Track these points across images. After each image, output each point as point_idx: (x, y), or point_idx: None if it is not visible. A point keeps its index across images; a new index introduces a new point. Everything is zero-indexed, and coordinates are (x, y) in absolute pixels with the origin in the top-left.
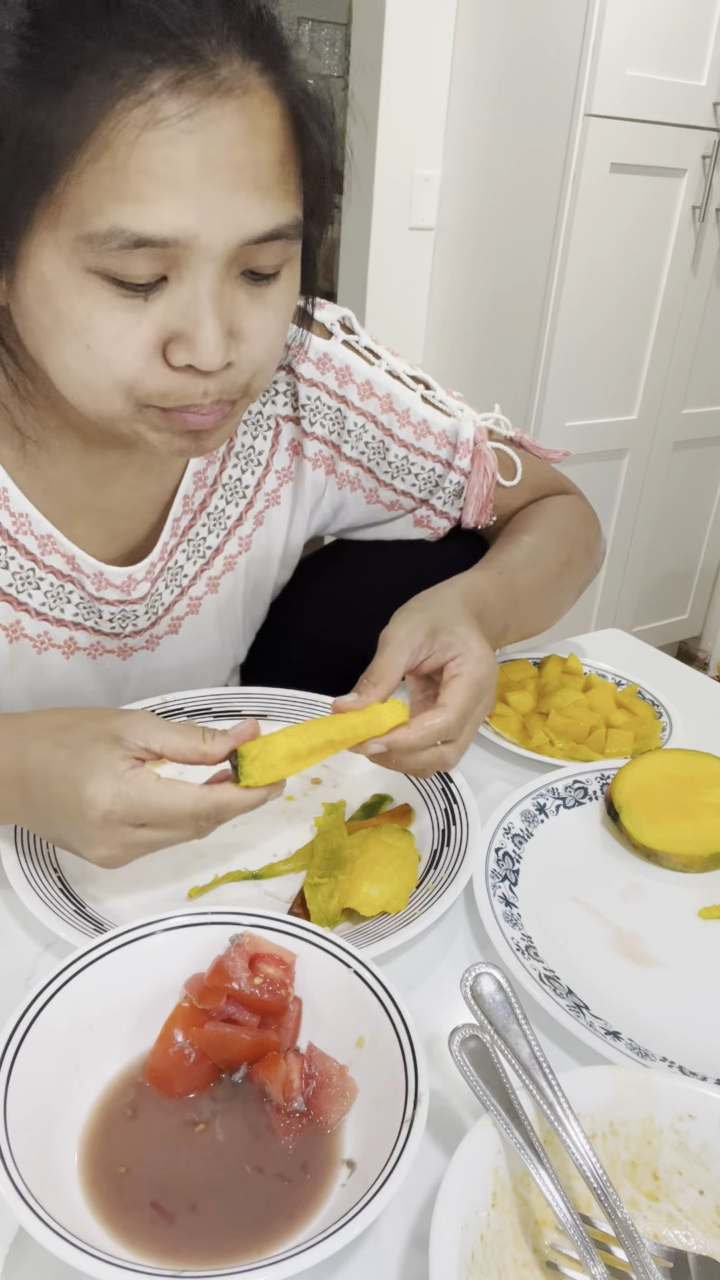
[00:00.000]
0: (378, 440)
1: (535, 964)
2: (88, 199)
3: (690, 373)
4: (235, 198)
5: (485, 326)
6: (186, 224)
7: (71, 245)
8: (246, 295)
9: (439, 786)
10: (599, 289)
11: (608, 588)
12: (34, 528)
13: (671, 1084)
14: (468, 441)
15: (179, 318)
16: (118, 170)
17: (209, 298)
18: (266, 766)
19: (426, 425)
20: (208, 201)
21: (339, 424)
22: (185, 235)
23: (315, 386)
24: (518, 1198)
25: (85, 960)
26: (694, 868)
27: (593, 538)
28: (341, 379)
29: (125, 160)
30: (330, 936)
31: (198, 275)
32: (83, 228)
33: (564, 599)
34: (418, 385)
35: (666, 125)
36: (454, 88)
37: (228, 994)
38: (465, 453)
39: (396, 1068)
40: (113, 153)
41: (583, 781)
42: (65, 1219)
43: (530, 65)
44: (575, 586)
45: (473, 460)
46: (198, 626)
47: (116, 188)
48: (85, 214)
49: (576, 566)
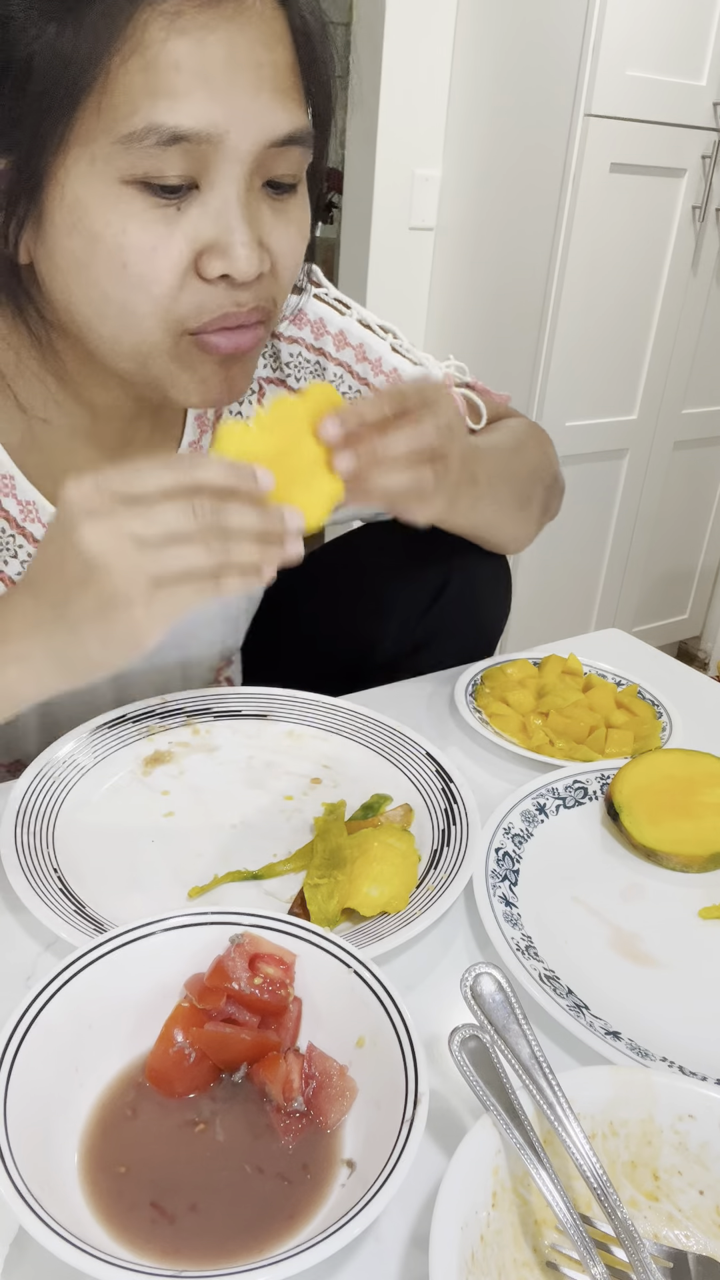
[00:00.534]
0: (354, 390)
1: (535, 964)
2: (121, 101)
3: (690, 373)
4: (259, 97)
5: (485, 326)
6: (219, 119)
7: (106, 154)
8: (269, 209)
9: (439, 786)
10: (599, 289)
11: (608, 588)
12: (41, 515)
13: (671, 1084)
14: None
15: (211, 226)
16: (149, 68)
17: (238, 204)
18: (238, 440)
19: (398, 373)
20: (235, 99)
21: (319, 376)
22: (217, 130)
23: (295, 343)
24: (518, 1198)
25: (85, 960)
26: (694, 868)
27: (545, 442)
28: (317, 331)
29: (156, 58)
30: (330, 936)
31: (227, 180)
32: (117, 130)
33: (529, 485)
34: (386, 334)
35: (666, 125)
36: (454, 88)
37: (228, 994)
38: None
39: (396, 1068)
40: (142, 52)
41: (583, 781)
42: (65, 1219)
43: (530, 65)
44: (537, 476)
45: None
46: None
47: (150, 85)
48: (119, 116)
49: (532, 452)
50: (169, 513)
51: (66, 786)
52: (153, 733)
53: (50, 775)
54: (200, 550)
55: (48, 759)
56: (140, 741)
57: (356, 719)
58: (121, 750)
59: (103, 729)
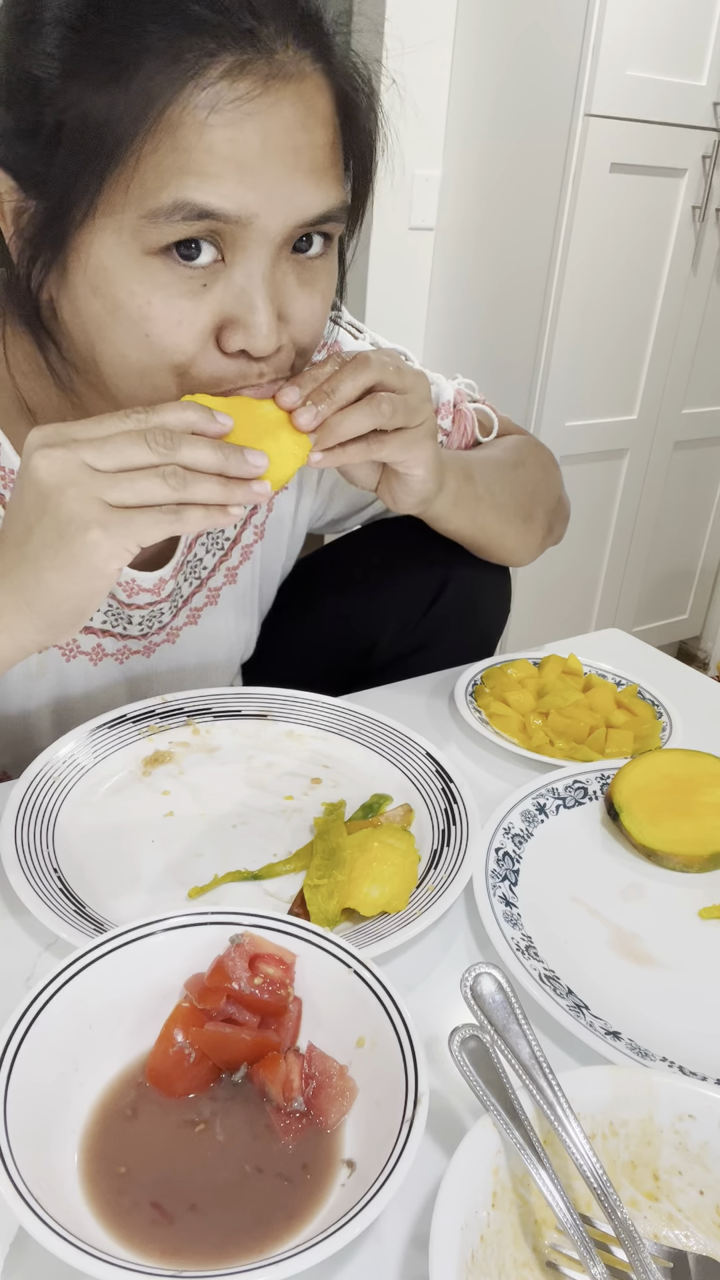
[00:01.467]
0: None
1: (535, 964)
2: (151, 178)
3: (690, 373)
4: (293, 180)
5: (485, 326)
6: (249, 202)
7: (133, 227)
8: (295, 278)
9: (439, 786)
10: (599, 289)
11: (608, 588)
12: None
13: (671, 1084)
14: (448, 403)
15: (234, 302)
16: (182, 150)
17: (263, 283)
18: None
19: None
20: (268, 183)
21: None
22: (247, 213)
23: (312, 366)
24: (518, 1198)
25: (85, 960)
26: (694, 868)
27: (547, 460)
28: (332, 354)
29: (191, 141)
30: (330, 936)
31: (253, 258)
32: (147, 205)
33: (530, 501)
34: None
35: (666, 125)
36: (454, 88)
37: (228, 994)
38: (446, 414)
39: (396, 1068)
40: (177, 134)
41: (583, 781)
42: (65, 1219)
43: (530, 65)
44: (538, 494)
45: (454, 420)
46: (216, 617)
47: (181, 165)
48: (149, 192)
49: (532, 468)
50: (123, 443)
51: (66, 786)
52: (153, 733)
53: (50, 775)
54: (156, 481)
55: (48, 759)
56: (140, 741)
57: (356, 719)
58: (121, 750)
59: (103, 729)
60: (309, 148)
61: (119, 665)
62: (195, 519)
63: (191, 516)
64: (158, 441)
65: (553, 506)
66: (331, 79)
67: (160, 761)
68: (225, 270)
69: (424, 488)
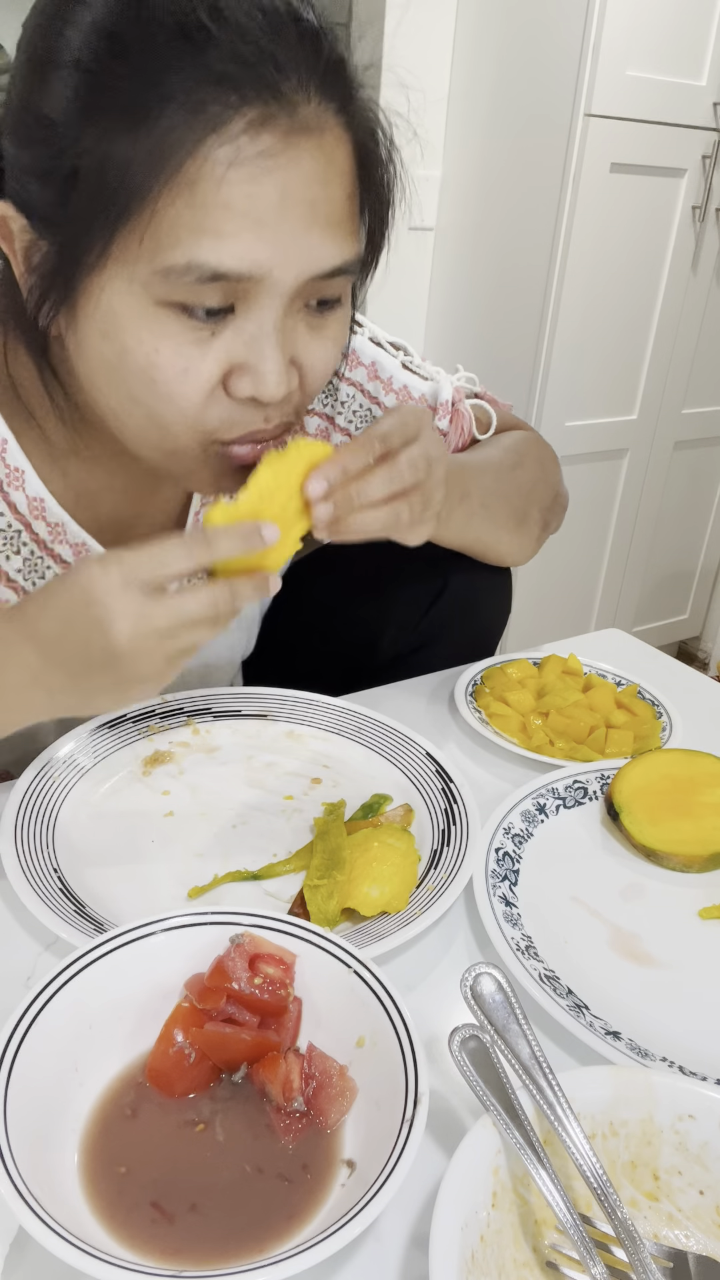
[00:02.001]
0: (365, 409)
1: (535, 964)
2: (166, 233)
3: (690, 373)
4: (309, 234)
5: (485, 326)
6: (262, 259)
7: (145, 279)
8: (306, 326)
9: (439, 786)
10: (599, 289)
11: (608, 588)
12: (69, 536)
13: (671, 1084)
14: (446, 403)
15: (243, 350)
16: (199, 206)
17: (274, 331)
18: (233, 515)
19: (408, 391)
20: (283, 238)
21: (332, 395)
22: (260, 270)
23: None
24: (518, 1198)
25: (85, 960)
26: (694, 868)
27: (546, 457)
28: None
29: (208, 197)
30: (330, 936)
31: (264, 309)
32: (159, 262)
33: (525, 505)
34: (397, 352)
35: (666, 125)
36: (454, 87)
37: (228, 994)
38: (444, 413)
39: (396, 1068)
40: (195, 189)
41: (583, 781)
42: (65, 1219)
43: (530, 65)
44: (534, 496)
45: (451, 420)
46: None
47: (196, 222)
48: (162, 247)
49: (530, 470)
50: (193, 605)
51: (66, 786)
52: (153, 732)
53: (50, 775)
54: (209, 629)
55: (48, 759)
56: (140, 741)
57: (356, 719)
58: (121, 750)
59: (103, 729)
60: (326, 201)
61: None
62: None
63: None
64: (224, 600)
65: (548, 504)
66: (352, 131)
67: (160, 761)
68: (235, 319)
69: (421, 540)
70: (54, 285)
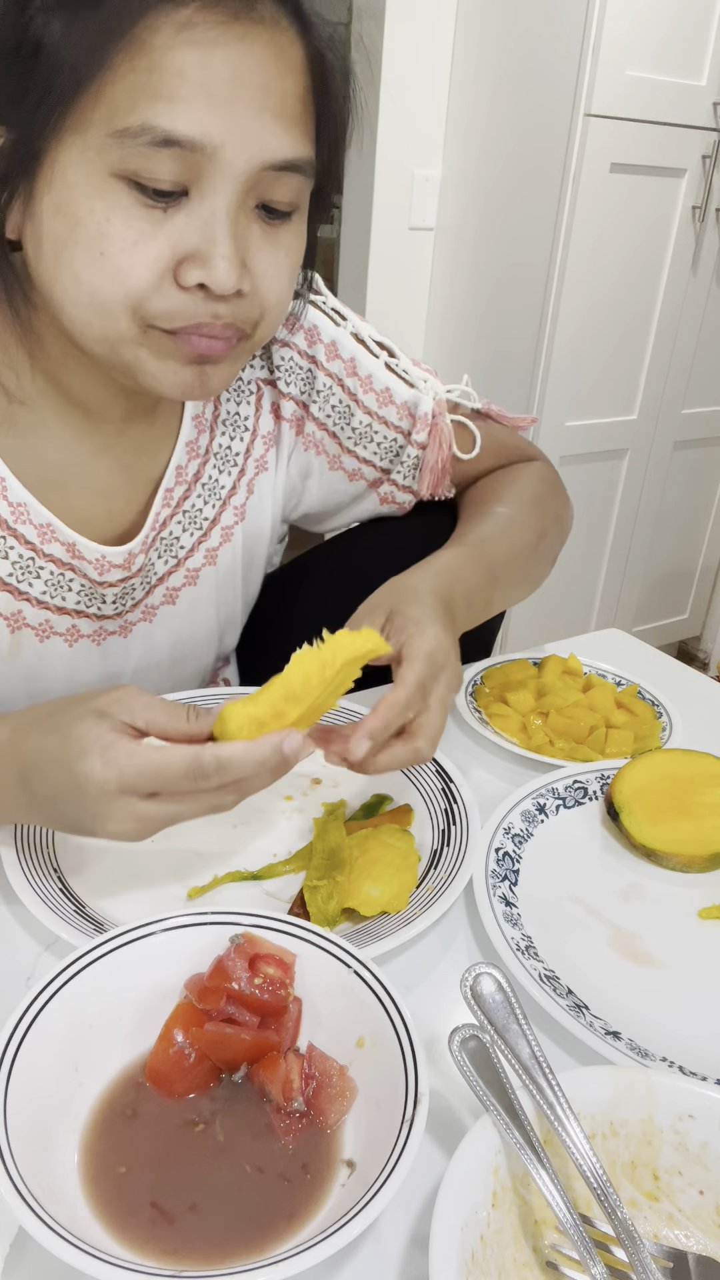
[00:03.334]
0: (344, 404)
1: (535, 964)
2: (121, 97)
3: (690, 373)
4: (261, 119)
5: (485, 326)
6: (214, 130)
7: (99, 146)
8: (260, 231)
9: (439, 786)
10: (599, 289)
11: (608, 588)
12: (32, 516)
13: (671, 1084)
14: (426, 415)
15: (196, 235)
16: (153, 70)
17: (226, 217)
18: (252, 724)
19: (389, 394)
20: (235, 115)
21: (309, 384)
22: (212, 142)
23: (287, 346)
24: (518, 1198)
25: (85, 960)
26: (694, 868)
27: (562, 506)
28: (310, 338)
29: (160, 62)
30: (330, 936)
31: (217, 192)
32: (113, 124)
33: (540, 569)
34: (381, 351)
35: (666, 125)
36: (454, 88)
37: (228, 994)
38: (423, 426)
39: (396, 1068)
40: (148, 54)
41: (583, 781)
42: (65, 1219)
43: (530, 65)
44: (550, 557)
45: (430, 434)
46: (194, 599)
47: (151, 86)
48: (117, 111)
49: (551, 537)
50: (189, 798)
51: None
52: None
53: None
54: (207, 804)
55: None
56: None
57: (356, 719)
58: None
59: None
60: (279, 92)
61: (96, 646)
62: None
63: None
64: (230, 800)
65: (560, 547)
66: (305, 40)
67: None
68: (189, 203)
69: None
70: (14, 173)
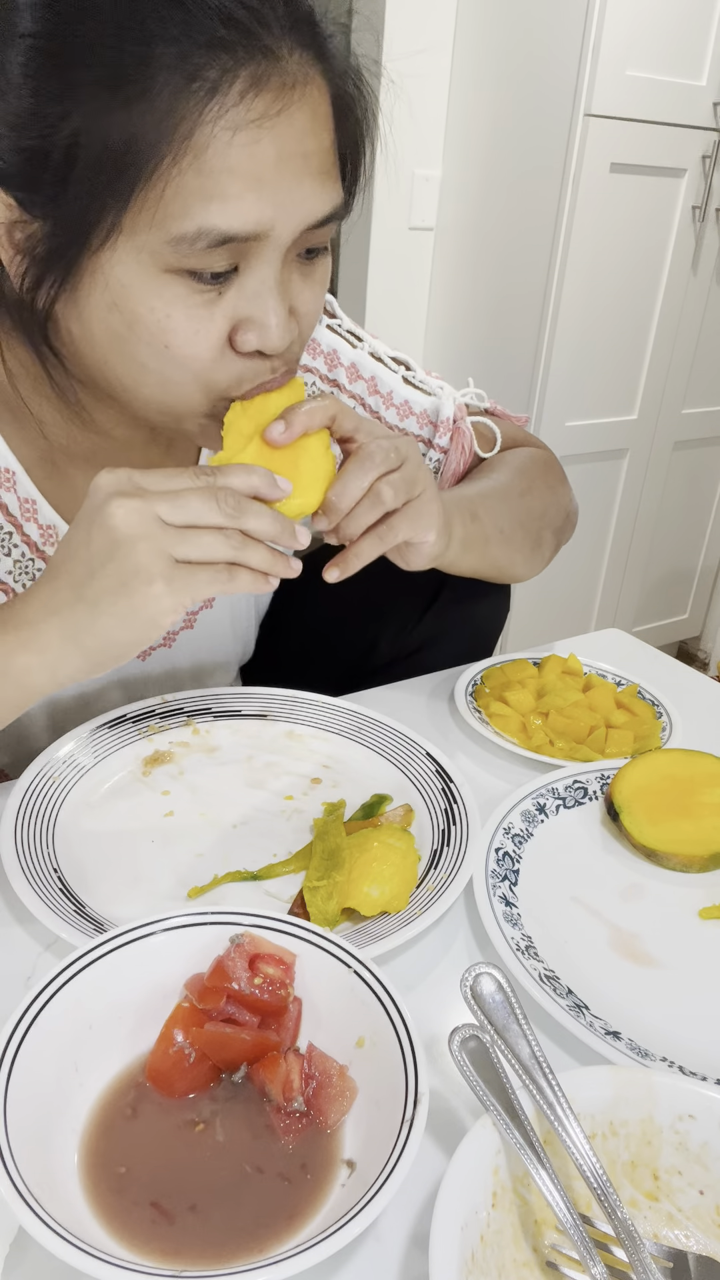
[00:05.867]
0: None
1: (535, 964)
2: (173, 200)
3: (690, 373)
4: (302, 186)
5: (485, 326)
6: (265, 218)
7: (154, 249)
8: (299, 275)
9: (439, 786)
10: (599, 289)
11: (608, 588)
12: (60, 539)
13: (671, 1084)
14: (448, 420)
15: (247, 305)
16: (204, 172)
17: (275, 285)
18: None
19: (409, 406)
20: (281, 194)
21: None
22: (264, 227)
23: (309, 372)
24: (518, 1198)
25: (85, 960)
26: (694, 868)
27: (555, 480)
28: (330, 363)
29: (210, 161)
30: (330, 936)
31: (265, 264)
32: (169, 231)
33: (538, 528)
34: (399, 367)
35: (666, 125)
36: (454, 88)
37: (228, 994)
38: (445, 430)
39: (396, 1068)
40: (199, 155)
41: (583, 781)
42: (65, 1219)
43: (530, 65)
44: (547, 519)
45: (452, 438)
46: (212, 620)
47: (204, 189)
48: (170, 215)
49: (539, 495)
50: (196, 502)
51: (66, 786)
52: (153, 733)
53: (50, 775)
54: (220, 540)
55: (48, 759)
56: (140, 741)
57: (356, 719)
58: (121, 750)
59: (103, 729)
60: (317, 153)
61: (114, 670)
62: (244, 581)
63: (242, 579)
64: (227, 504)
65: (560, 524)
66: (330, 79)
67: (160, 761)
68: (238, 278)
69: (434, 549)
70: (52, 265)
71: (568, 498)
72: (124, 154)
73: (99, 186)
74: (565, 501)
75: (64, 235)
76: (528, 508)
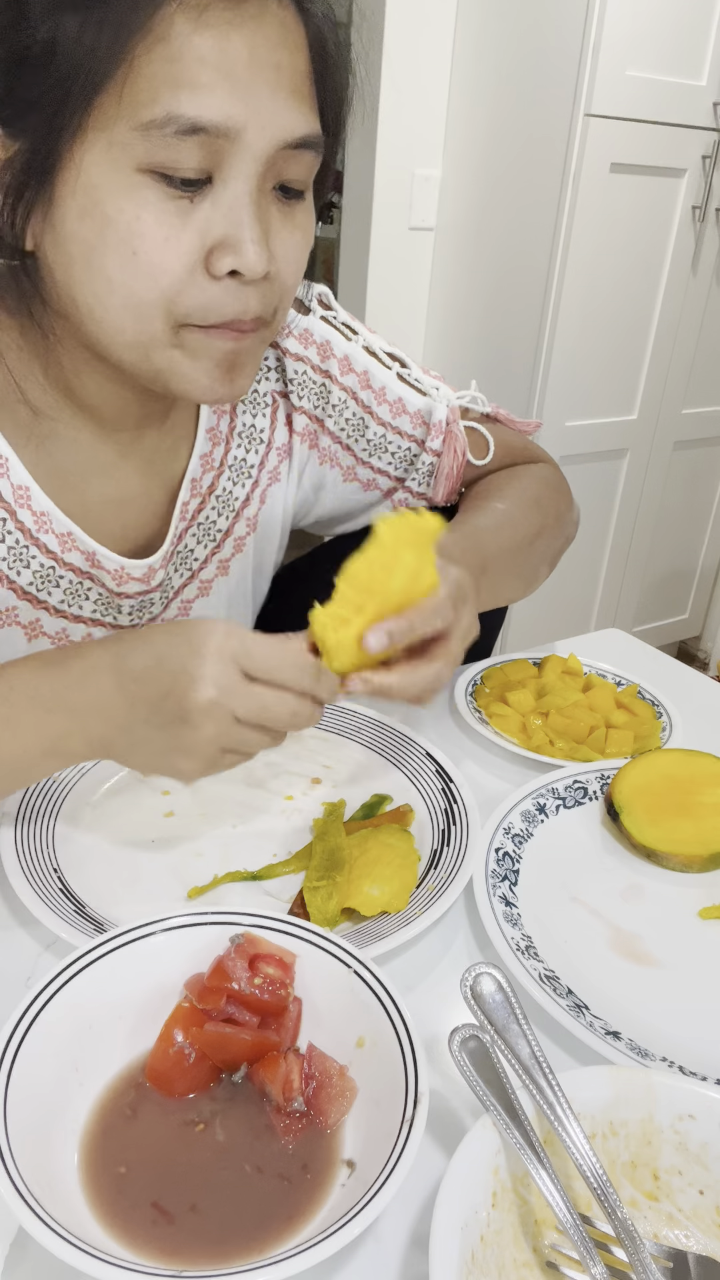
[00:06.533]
0: (358, 417)
1: (535, 964)
2: (142, 89)
3: (690, 373)
4: (276, 97)
5: (485, 327)
6: (237, 113)
7: (124, 141)
8: (278, 212)
9: (439, 786)
10: (599, 289)
11: (608, 588)
12: (54, 525)
13: (671, 1084)
14: (440, 422)
15: (222, 222)
16: (173, 60)
17: (250, 200)
18: (345, 647)
19: (402, 404)
20: (255, 96)
21: (323, 399)
22: (235, 125)
23: (300, 361)
24: (518, 1198)
25: (85, 960)
26: (694, 868)
27: (564, 507)
28: (323, 354)
29: (180, 50)
30: (330, 936)
31: (241, 176)
32: (138, 117)
33: (536, 568)
34: (393, 363)
35: (666, 125)
36: (454, 88)
37: (228, 994)
38: (438, 433)
39: (396, 1068)
40: (167, 43)
41: (583, 781)
42: (65, 1219)
43: (530, 65)
44: (548, 556)
45: (444, 441)
46: (208, 609)
47: (173, 76)
48: (140, 104)
49: (548, 535)
50: (277, 707)
51: (66, 786)
52: None
53: (50, 775)
54: (267, 740)
55: None
56: None
57: (356, 719)
58: None
59: None
60: (290, 69)
61: None
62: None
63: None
64: (303, 717)
65: (560, 548)
66: (306, 20)
67: None
68: (213, 190)
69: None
70: (29, 181)
71: (573, 520)
72: (97, 47)
73: (72, 83)
74: (570, 530)
75: (39, 141)
76: (538, 553)
